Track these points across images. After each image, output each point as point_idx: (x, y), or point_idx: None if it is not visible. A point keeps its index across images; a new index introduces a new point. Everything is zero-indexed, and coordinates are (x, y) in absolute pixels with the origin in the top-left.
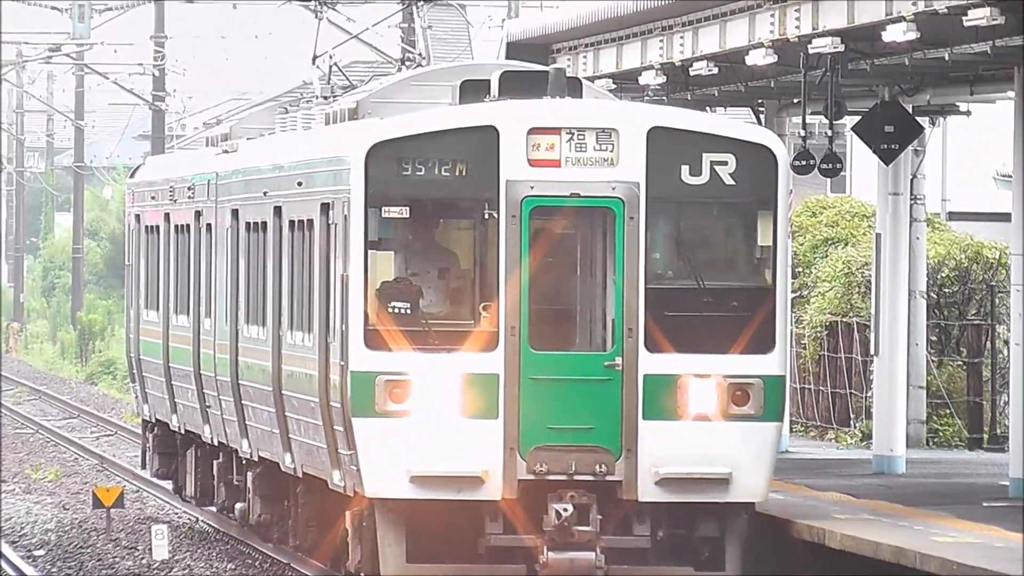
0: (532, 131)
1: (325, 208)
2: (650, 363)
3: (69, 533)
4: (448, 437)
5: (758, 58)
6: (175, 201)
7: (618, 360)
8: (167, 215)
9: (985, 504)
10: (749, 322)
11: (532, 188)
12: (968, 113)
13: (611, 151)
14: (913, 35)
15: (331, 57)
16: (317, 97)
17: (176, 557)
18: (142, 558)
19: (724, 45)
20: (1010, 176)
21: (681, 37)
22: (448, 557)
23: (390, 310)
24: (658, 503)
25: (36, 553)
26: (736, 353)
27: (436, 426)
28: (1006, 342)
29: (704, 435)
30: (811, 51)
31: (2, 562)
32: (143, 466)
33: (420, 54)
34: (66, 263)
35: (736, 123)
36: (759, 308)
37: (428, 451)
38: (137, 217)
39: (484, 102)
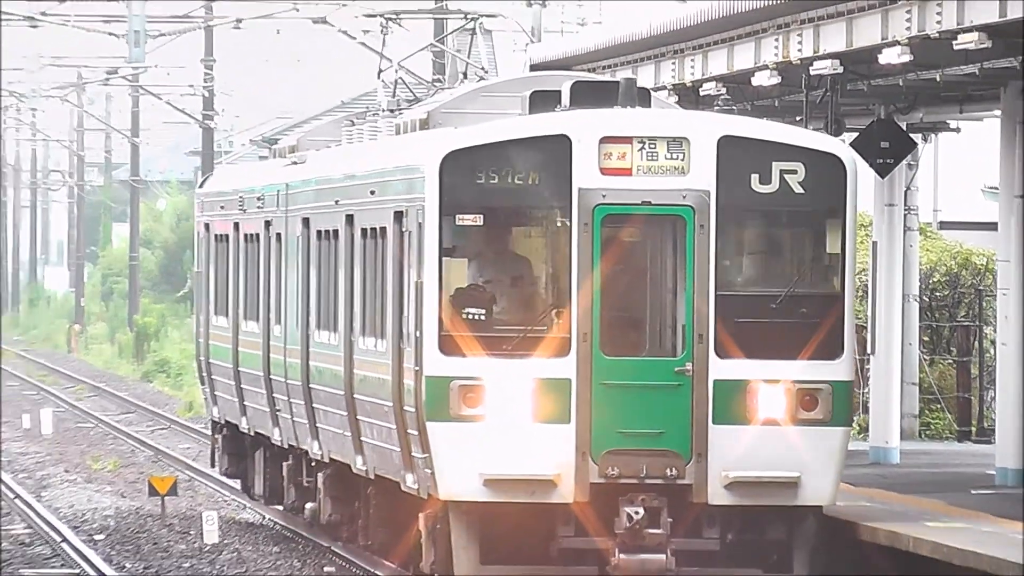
0: (604, 140)
1: (399, 216)
2: (720, 369)
3: (127, 519)
4: (521, 441)
5: (763, 79)
6: (244, 211)
7: (688, 366)
8: (236, 224)
9: (973, 492)
10: (818, 329)
11: (604, 196)
12: (958, 130)
13: (682, 160)
14: (907, 58)
15: (396, 71)
16: (383, 110)
17: (225, 541)
18: (194, 542)
19: (732, 67)
20: (996, 189)
21: (692, 60)
22: (521, 559)
23: (464, 316)
24: (728, 506)
25: (97, 537)
26: (805, 359)
27: (509, 430)
28: (992, 342)
29: (773, 439)
30: (812, 72)
31: (65, 546)
32: (212, 465)
33: (483, 68)
34: (123, 270)
35: (805, 132)
36: (828, 315)
37: (501, 455)
38: (206, 226)
39: (556, 111)
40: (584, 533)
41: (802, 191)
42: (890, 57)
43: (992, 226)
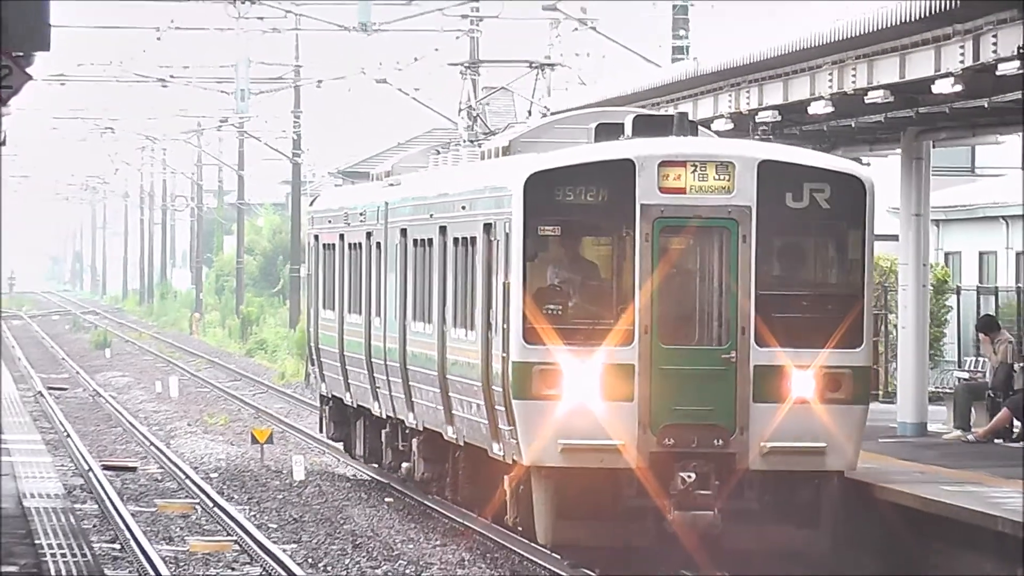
0: (663, 163)
1: (487, 227)
2: (759, 356)
3: (234, 461)
4: (592, 416)
5: (720, 125)
6: (348, 224)
7: (733, 353)
8: (342, 235)
9: (880, 440)
10: (841, 322)
11: (662, 211)
12: (868, 164)
13: (728, 180)
14: (830, 109)
15: (474, 109)
16: (465, 140)
17: (310, 479)
18: (286, 479)
19: (696, 115)
20: (898, 209)
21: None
22: (591, 515)
23: (544, 311)
24: (766, 471)
25: (212, 475)
26: (831, 348)
27: (582, 407)
28: (895, 326)
29: (804, 415)
30: (757, 120)
31: (188, 482)
32: (320, 430)
33: (546, 107)
34: (231, 271)
35: (832, 157)
36: (850, 311)
37: (576, 427)
38: (316, 237)
39: (621, 140)
40: (644, 494)
41: (828, 207)
42: (817, 108)
43: (894, 237)
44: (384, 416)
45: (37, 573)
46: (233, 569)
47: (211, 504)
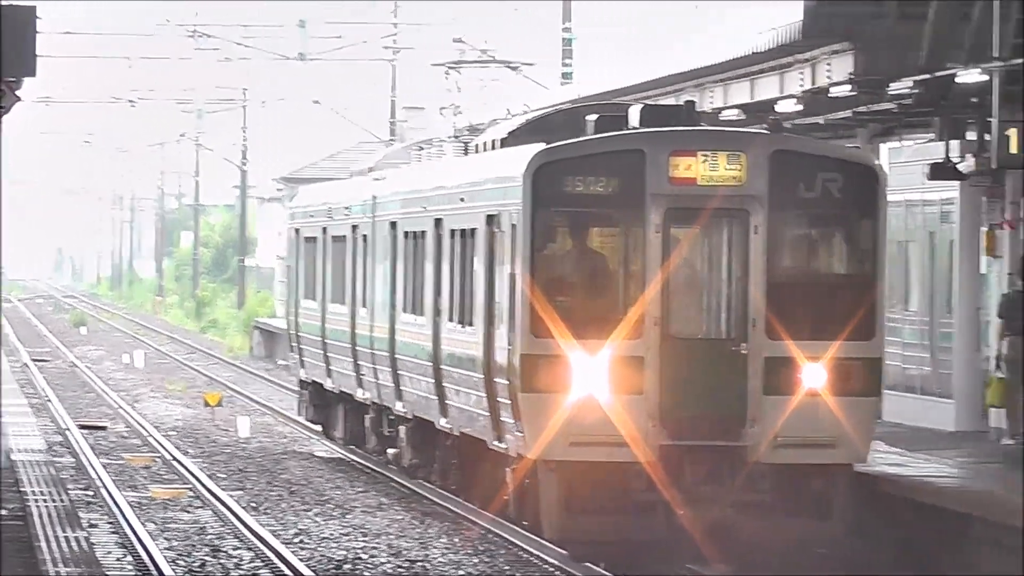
0: (673, 153)
1: (491, 219)
2: (770, 348)
3: (190, 422)
4: (600, 409)
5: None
6: (332, 218)
7: (744, 345)
8: (324, 228)
9: None
10: (853, 314)
11: (672, 201)
12: None
13: (739, 170)
14: (799, 107)
15: (456, 107)
16: (450, 137)
17: (253, 436)
18: (233, 436)
19: None
20: None
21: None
22: (600, 510)
23: (552, 304)
24: (776, 465)
25: (170, 433)
26: (842, 340)
27: (590, 400)
28: None
29: (815, 408)
30: (721, 118)
31: (151, 439)
32: (299, 413)
33: (526, 104)
34: (188, 261)
35: (844, 147)
36: (861, 302)
37: (584, 421)
38: (296, 231)
39: (631, 130)
40: (654, 488)
41: (840, 196)
42: (786, 107)
43: None
44: (369, 402)
45: (23, 515)
46: (188, 512)
47: (170, 457)
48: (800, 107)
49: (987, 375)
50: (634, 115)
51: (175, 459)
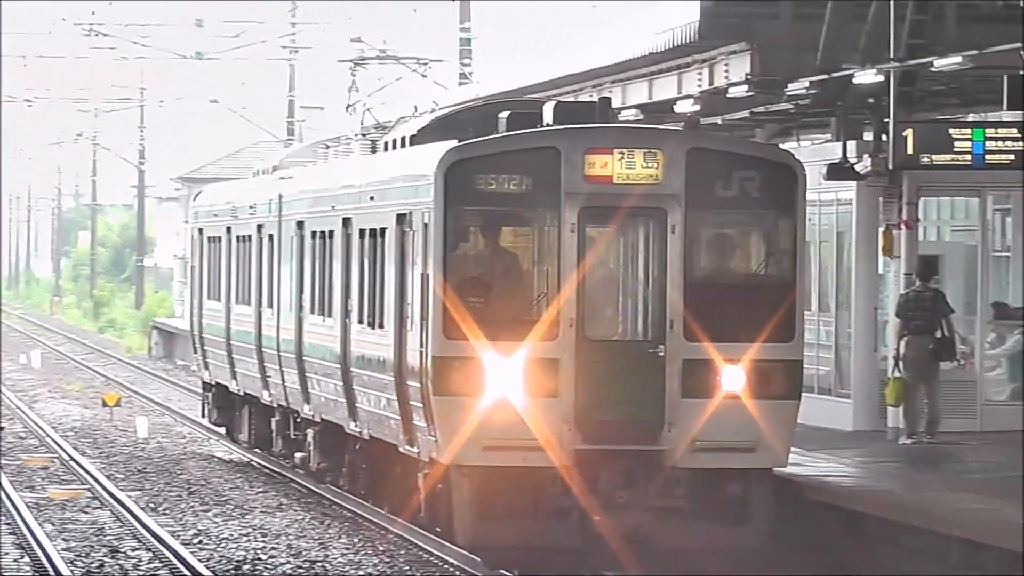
0: (588, 151)
1: (401, 218)
2: (688, 350)
3: (88, 422)
4: (515, 413)
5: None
6: (236, 217)
7: (661, 347)
8: (228, 228)
9: None
10: (773, 315)
11: (588, 200)
12: None
13: (656, 168)
14: (697, 107)
15: (364, 105)
16: (357, 135)
17: (152, 437)
18: (132, 437)
19: None
20: None
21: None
22: (514, 516)
23: (465, 304)
24: (694, 469)
25: (68, 434)
26: (761, 341)
27: (504, 404)
28: None
29: (734, 411)
30: (620, 118)
31: (49, 439)
32: (203, 415)
33: (435, 102)
34: (86, 261)
35: (762, 145)
36: (781, 303)
37: (498, 425)
38: (200, 231)
39: (544, 127)
40: (569, 493)
41: (758, 195)
42: (684, 107)
43: None
44: (275, 405)
45: None
46: (86, 513)
47: (68, 458)
48: (698, 107)
49: (884, 375)
50: (548, 112)
51: (73, 460)
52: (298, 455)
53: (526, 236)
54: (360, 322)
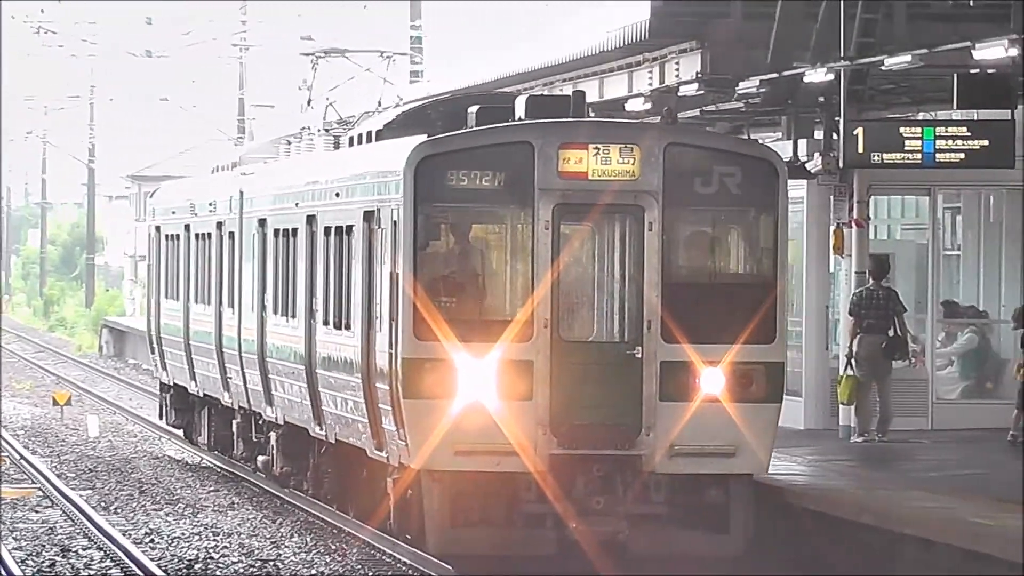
0: (563, 146)
1: (368, 215)
2: (666, 352)
3: (39, 421)
4: (488, 416)
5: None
6: (196, 214)
7: (638, 349)
8: (187, 226)
9: None
10: (754, 315)
11: (562, 196)
12: None
13: (633, 164)
14: (648, 105)
15: (327, 99)
16: (320, 130)
17: (103, 435)
18: (83, 436)
19: None
20: None
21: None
22: (487, 523)
23: (436, 304)
24: (673, 474)
25: (18, 432)
26: (742, 343)
27: (477, 407)
28: None
29: (713, 415)
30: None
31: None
32: (160, 417)
33: (399, 96)
34: (36, 259)
35: (743, 140)
36: (762, 303)
37: (470, 429)
38: (158, 228)
39: (517, 121)
40: (544, 499)
41: (739, 192)
42: (635, 105)
43: None
44: (236, 407)
45: None
46: (37, 512)
47: (18, 456)
48: (648, 106)
49: (836, 373)
50: (520, 106)
51: (23, 458)
52: (260, 459)
53: (499, 234)
54: (326, 322)
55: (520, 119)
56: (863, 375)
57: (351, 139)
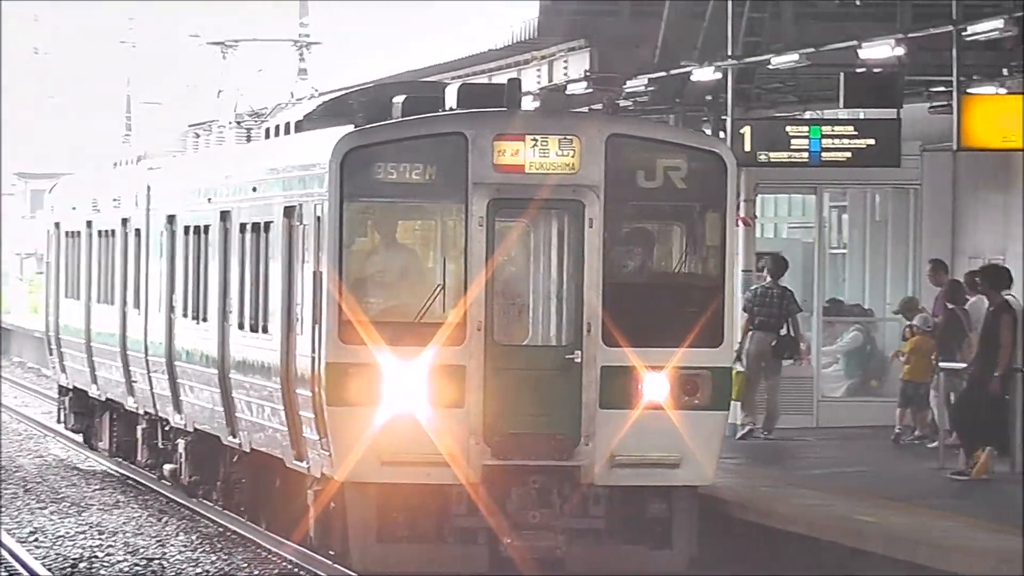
0: (498, 137)
1: (289, 211)
2: (607, 356)
3: None
4: (417, 425)
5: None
6: (98, 210)
7: (577, 353)
8: (89, 222)
9: None
10: (699, 317)
11: (497, 191)
12: None
13: (572, 156)
14: (536, 104)
15: (238, 90)
16: (231, 123)
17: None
18: None
19: None
20: None
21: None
22: (416, 537)
23: (362, 305)
24: (613, 487)
25: None
26: (686, 347)
27: (405, 415)
28: None
29: (656, 423)
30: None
31: None
32: (59, 421)
33: (314, 88)
34: None
35: (688, 131)
36: (709, 304)
37: (398, 438)
38: (57, 224)
39: (445, 112)
40: (477, 513)
41: (684, 186)
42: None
43: None
44: (141, 412)
45: None
46: None
47: None
48: (537, 104)
49: None
50: (451, 95)
51: None
52: (167, 467)
53: (429, 230)
54: (241, 324)
55: (451, 109)
56: (751, 372)
57: (267, 131)
